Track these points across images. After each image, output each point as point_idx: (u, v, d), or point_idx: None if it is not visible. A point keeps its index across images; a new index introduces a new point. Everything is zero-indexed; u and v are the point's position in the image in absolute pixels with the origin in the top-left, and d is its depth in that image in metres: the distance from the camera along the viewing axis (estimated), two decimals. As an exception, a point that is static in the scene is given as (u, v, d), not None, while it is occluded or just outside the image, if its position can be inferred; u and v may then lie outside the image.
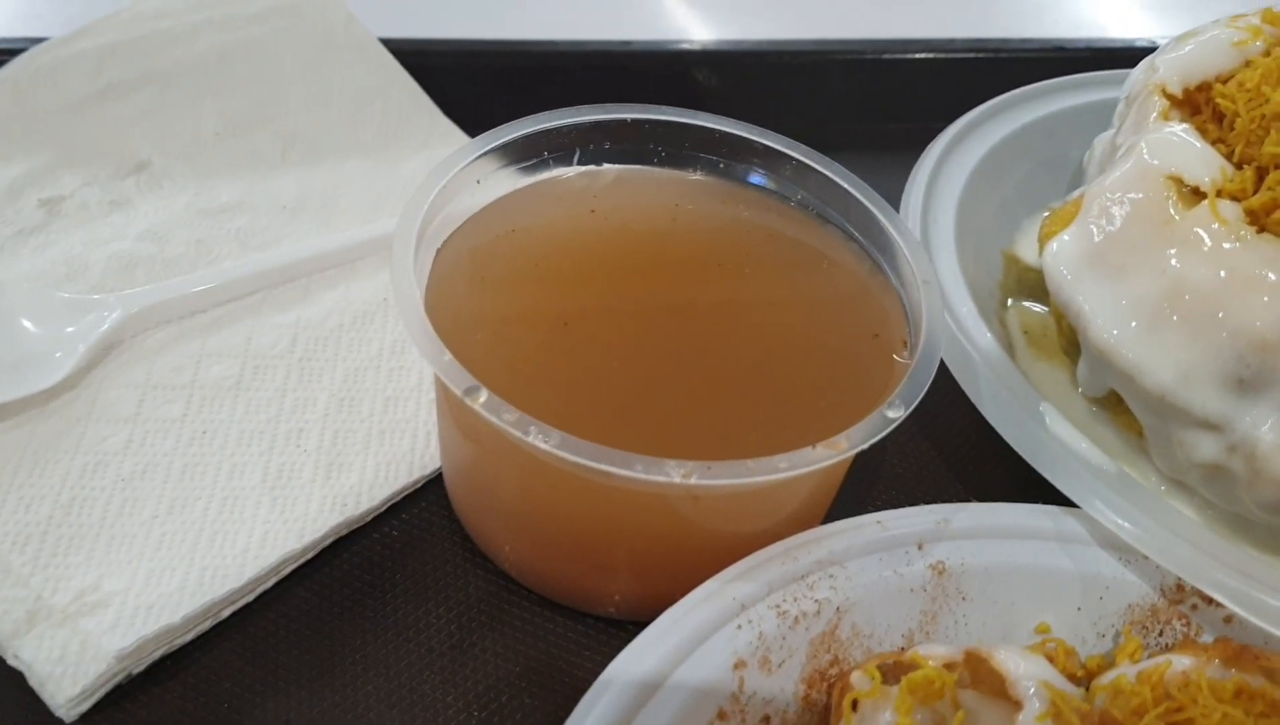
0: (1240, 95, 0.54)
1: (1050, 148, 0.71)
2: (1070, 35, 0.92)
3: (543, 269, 0.52)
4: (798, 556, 0.47)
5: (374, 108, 0.74)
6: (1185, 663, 0.44)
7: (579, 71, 0.79)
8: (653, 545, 0.49)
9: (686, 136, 0.57)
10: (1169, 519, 0.50)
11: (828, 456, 0.43)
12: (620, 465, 0.41)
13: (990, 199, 0.67)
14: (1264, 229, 0.50)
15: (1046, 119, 0.73)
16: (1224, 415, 0.50)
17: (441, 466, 0.55)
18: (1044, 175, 0.70)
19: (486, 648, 0.51)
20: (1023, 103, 0.73)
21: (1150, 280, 0.51)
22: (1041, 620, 0.49)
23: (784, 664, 0.46)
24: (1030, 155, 0.71)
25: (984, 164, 0.69)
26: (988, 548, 0.49)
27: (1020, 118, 0.73)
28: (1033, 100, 0.74)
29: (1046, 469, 0.51)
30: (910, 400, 0.46)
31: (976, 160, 0.69)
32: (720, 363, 0.50)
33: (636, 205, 0.56)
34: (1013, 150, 0.71)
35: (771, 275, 0.54)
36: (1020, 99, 0.73)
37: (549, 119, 0.55)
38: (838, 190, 0.55)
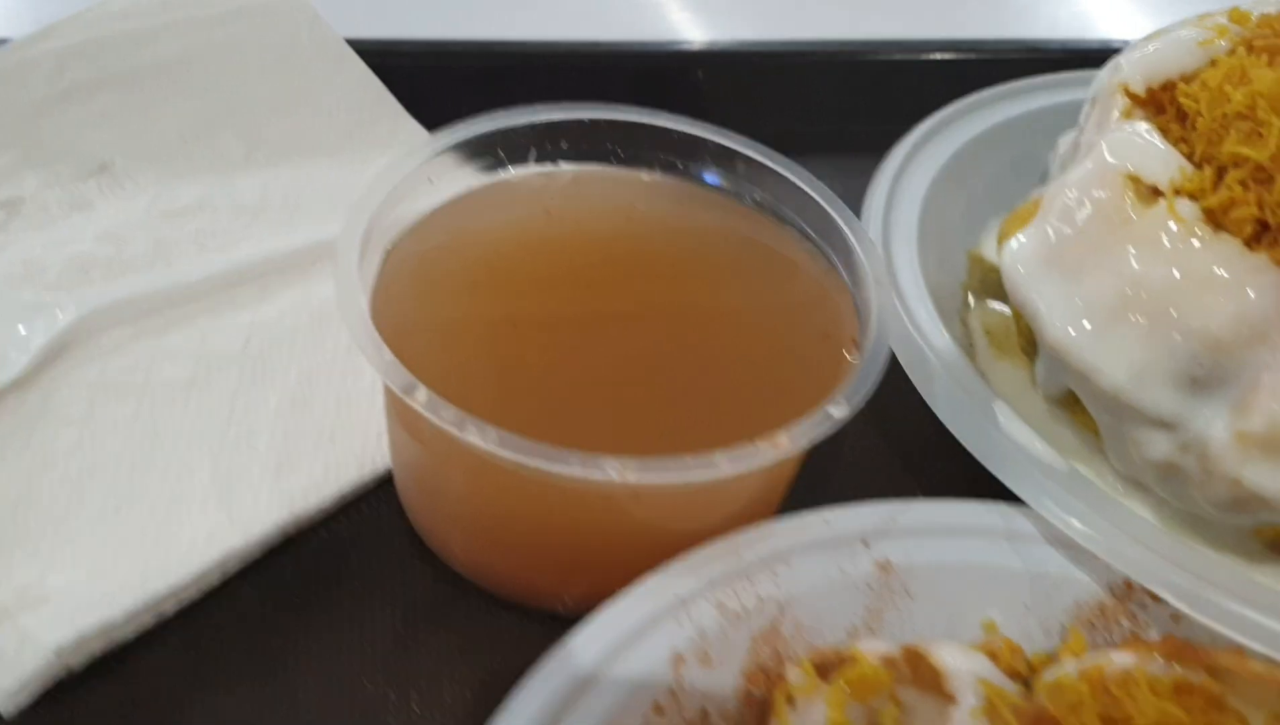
0: (1203, 94, 0.54)
1: (1021, 147, 0.71)
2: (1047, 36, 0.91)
3: (493, 270, 0.52)
4: (741, 552, 0.47)
5: (339, 109, 0.74)
6: (1127, 659, 0.44)
7: (547, 72, 0.79)
8: (598, 543, 0.48)
9: (644, 137, 0.57)
10: (1119, 517, 0.49)
11: (768, 454, 0.43)
12: (557, 462, 0.41)
13: (957, 199, 0.67)
14: (1221, 228, 0.50)
15: (1018, 119, 0.73)
16: (1177, 414, 0.50)
17: (392, 466, 0.54)
18: (1013, 175, 0.70)
19: (432, 645, 0.51)
20: (994, 103, 0.73)
21: (1106, 279, 0.51)
22: (988, 617, 0.49)
23: (724, 659, 0.45)
24: (1000, 155, 0.71)
25: (952, 164, 0.69)
26: (935, 545, 0.49)
27: (990, 118, 0.72)
28: (1004, 100, 0.74)
29: (996, 467, 0.50)
30: (855, 398, 0.46)
31: (944, 160, 0.68)
32: (668, 362, 0.50)
33: (592, 206, 0.56)
34: (982, 150, 0.70)
35: (724, 275, 0.54)
36: (991, 99, 0.73)
37: (505, 118, 0.55)
38: (794, 190, 0.54)
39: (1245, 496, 0.48)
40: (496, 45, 0.80)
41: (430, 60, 0.79)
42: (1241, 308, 0.47)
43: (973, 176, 0.68)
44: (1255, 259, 0.48)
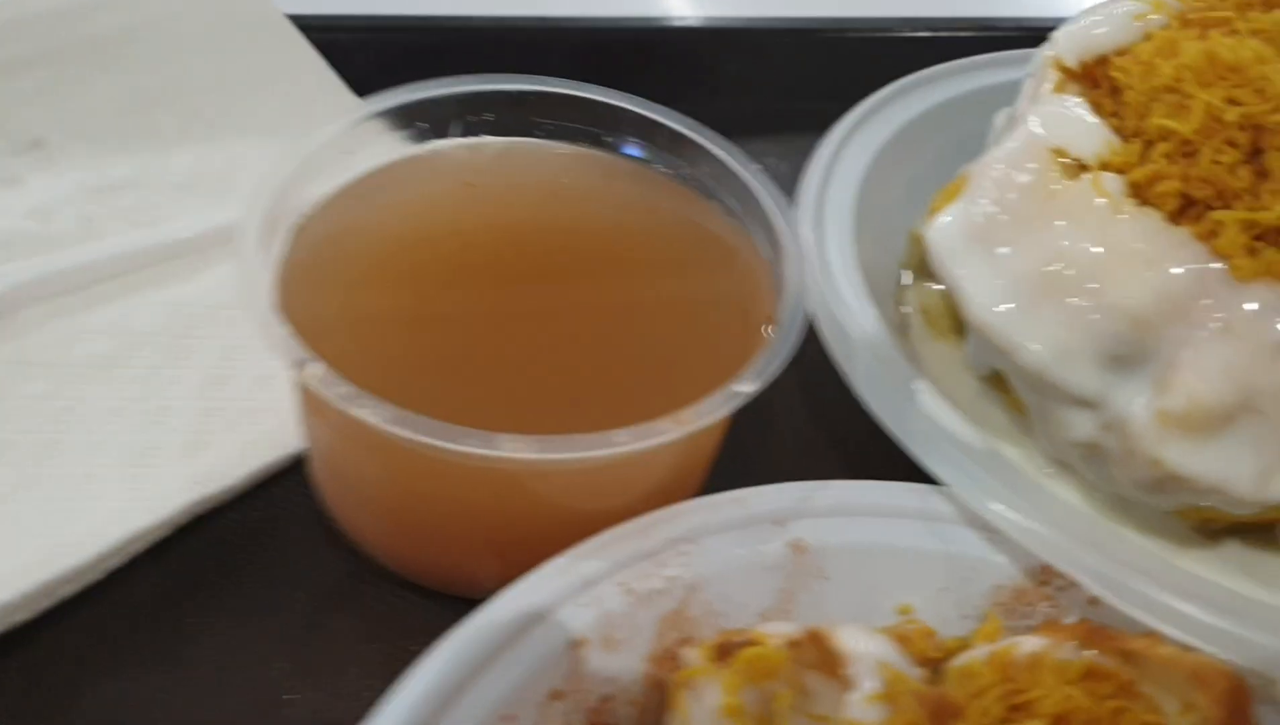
0: (1134, 68, 0.53)
1: (967, 125, 0.70)
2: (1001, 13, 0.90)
3: (406, 246, 0.51)
4: (651, 533, 0.46)
5: (278, 86, 0.73)
6: (1037, 644, 0.43)
7: (493, 47, 0.78)
8: (509, 525, 0.48)
9: (571, 109, 0.56)
10: (1038, 499, 0.49)
11: (670, 431, 0.42)
12: (451, 440, 0.40)
13: (898, 177, 0.66)
14: (1146, 202, 0.49)
15: (964, 96, 0.72)
16: (1099, 393, 0.49)
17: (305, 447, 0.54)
18: (959, 154, 0.68)
19: (341, 630, 0.50)
20: (940, 80, 0.72)
21: (1029, 255, 0.50)
22: (904, 600, 0.48)
23: (629, 642, 0.45)
24: (945, 133, 0.70)
25: (894, 142, 0.68)
26: (851, 526, 0.48)
27: (936, 95, 0.71)
28: (951, 77, 0.73)
29: (914, 446, 0.49)
30: (763, 375, 0.45)
31: (886, 138, 0.67)
32: (581, 340, 0.49)
33: (514, 181, 0.55)
34: (927, 128, 0.69)
35: (644, 251, 0.53)
36: (937, 76, 0.72)
37: (427, 89, 0.54)
38: (718, 165, 0.54)
39: (1165, 477, 0.47)
40: (441, 20, 0.79)
41: (372, 36, 0.78)
42: (1162, 283, 0.46)
43: (916, 155, 0.67)
44: (1177, 233, 0.47)
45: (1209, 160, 0.48)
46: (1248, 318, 0.45)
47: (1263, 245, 0.47)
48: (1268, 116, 0.48)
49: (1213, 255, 0.47)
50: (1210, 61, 0.49)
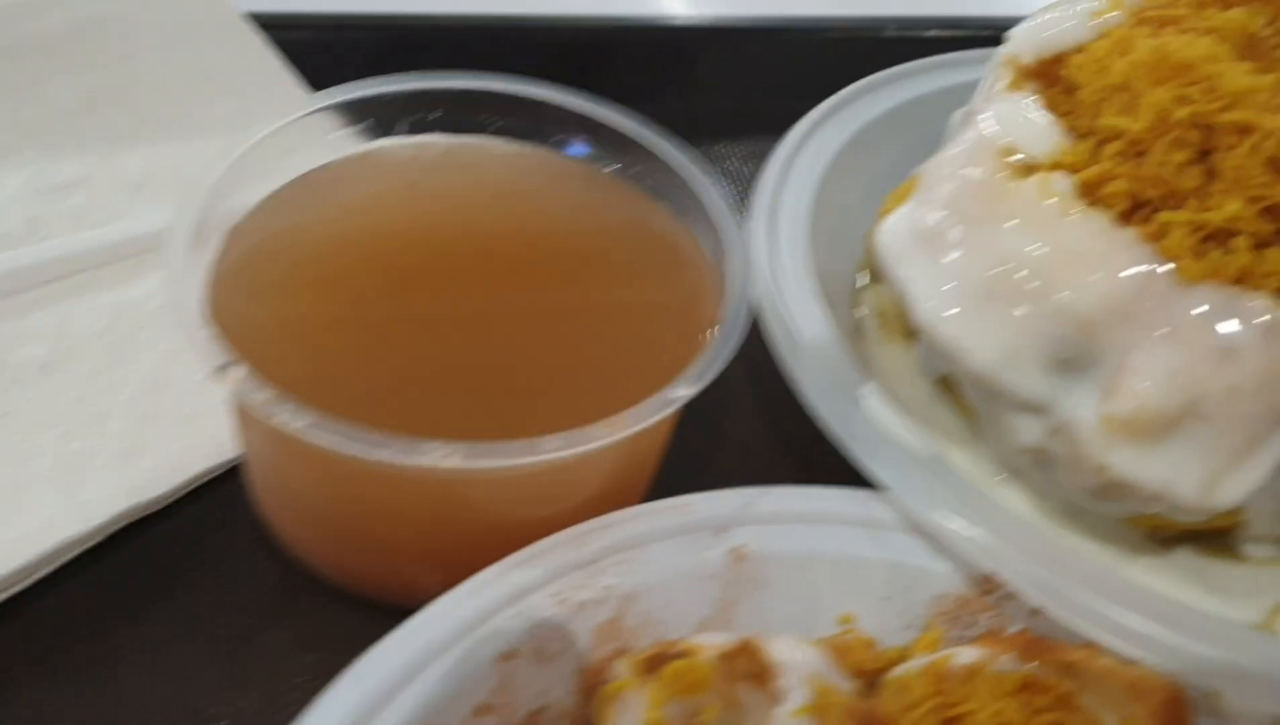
0: (1089, 66, 0.52)
1: (929, 126, 0.68)
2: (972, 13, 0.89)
3: (343, 247, 0.50)
4: (587, 542, 0.45)
5: (234, 85, 0.72)
6: (974, 655, 0.42)
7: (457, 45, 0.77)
8: (444, 534, 0.47)
9: (520, 108, 0.55)
10: (983, 506, 0.48)
11: (603, 437, 0.41)
12: (373, 447, 0.40)
13: (858, 178, 0.65)
14: (1096, 203, 0.48)
15: (927, 96, 0.71)
16: (1046, 397, 0.48)
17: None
18: (921, 154, 0.67)
19: (272, 641, 0.49)
20: (904, 79, 0.71)
21: (976, 256, 0.49)
22: (846, 609, 0.47)
23: (562, 654, 0.44)
24: (907, 133, 0.69)
25: (855, 142, 0.67)
26: (793, 533, 0.48)
27: (898, 95, 0.70)
28: (915, 76, 0.72)
29: (858, 451, 0.48)
30: (700, 380, 0.44)
31: (846, 138, 0.66)
32: (520, 344, 0.48)
33: (458, 180, 0.54)
34: (887, 128, 0.68)
35: (587, 252, 0.52)
36: (901, 75, 0.71)
37: (371, 86, 0.53)
38: (665, 166, 0.53)
39: (1111, 483, 0.46)
40: (402, 19, 0.78)
41: (332, 34, 0.77)
42: (1108, 286, 0.46)
43: (876, 155, 0.66)
44: (1124, 234, 0.46)
45: (1158, 160, 0.47)
46: (1194, 321, 0.44)
47: (1211, 246, 0.45)
48: (1217, 116, 0.47)
49: (1160, 257, 0.45)
50: (1161, 60, 0.48)
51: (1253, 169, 0.46)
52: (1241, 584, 0.52)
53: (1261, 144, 0.46)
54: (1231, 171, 0.46)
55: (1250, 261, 0.45)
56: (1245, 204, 0.45)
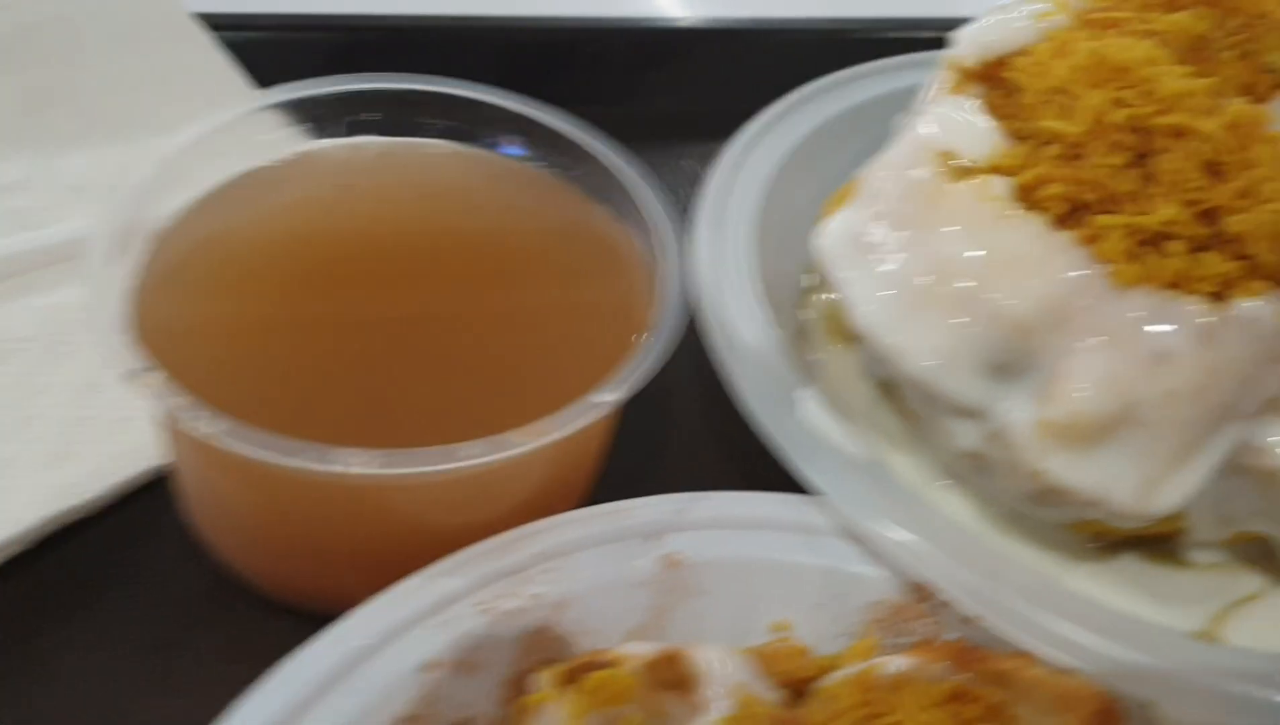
0: (1030, 68, 0.51)
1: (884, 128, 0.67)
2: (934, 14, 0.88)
3: (274, 249, 0.49)
4: (515, 549, 0.45)
5: (180, 86, 0.71)
6: (904, 664, 0.41)
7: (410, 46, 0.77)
8: (368, 540, 0.46)
9: (457, 108, 0.55)
10: (920, 512, 0.47)
11: (522, 443, 0.41)
12: (286, 454, 0.39)
13: (808, 180, 0.64)
14: (1033, 206, 0.47)
15: (880, 98, 0.70)
16: (982, 402, 0.47)
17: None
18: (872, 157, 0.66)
19: (202, 649, 0.49)
20: (857, 80, 0.70)
21: (913, 260, 0.48)
22: (780, 616, 0.46)
23: (487, 664, 0.43)
24: (859, 135, 0.68)
25: (805, 144, 0.66)
26: (727, 539, 0.47)
27: (850, 97, 0.70)
28: (868, 78, 0.71)
29: (794, 456, 0.48)
30: (626, 385, 0.43)
31: (796, 140, 0.66)
32: (452, 347, 0.48)
33: (394, 180, 0.53)
34: (840, 130, 0.68)
35: (522, 254, 0.51)
36: (854, 77, 0.71)
37: (307, 88, 0.53)
38: (603, 167, 0.52)
39: (1047, 489, 0.45)
40: (354, 19, 0.77)
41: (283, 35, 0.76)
42: (1043, 290, 0.45)
43: (827, 158, 0.66)
44: (1059, 238, 0.45)
45: (1095, 163, 0.46)
46: (1129, 325, 0.44)
47: (1148, 250, 0.45)
48: (1154, 119, 0.46)
49: (1096, 261, 0.45)
50: (1098, 62, 0.47)
51: (1189, 172, 0.45)
52: (1185, 590, 0.52)
53: (1197, 147, 0.45)
54: (1168, 175, 0.46)
55: (1186, 265, 0.45)
56: (1181, 207, 0.45)
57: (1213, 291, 0.45)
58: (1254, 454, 0.47)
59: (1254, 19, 0.56)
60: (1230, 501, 0.49)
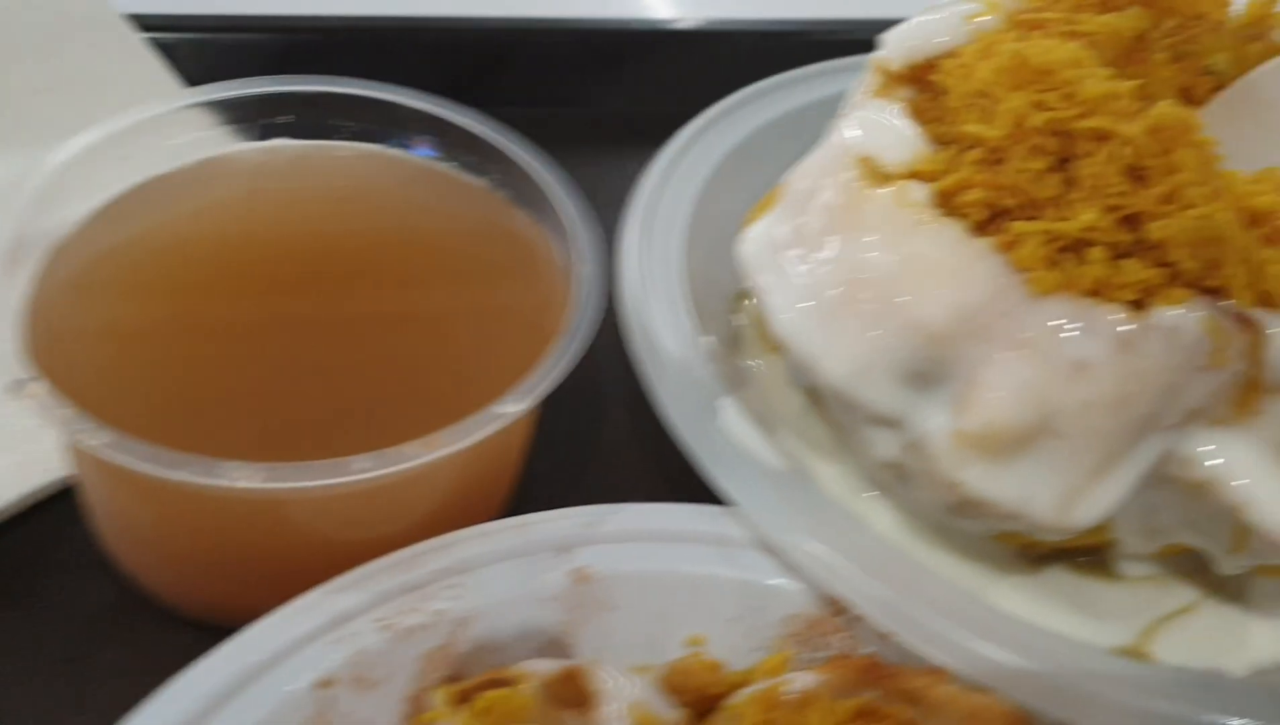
0: (956, 71, 0.50)
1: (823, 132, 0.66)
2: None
3: (178, 256, 0.48)
4: (419, 564, 0.44)
5: (112, 89, 0.69)
6: (811, 680, 0.40)
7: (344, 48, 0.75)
8: (268, 554, 0.45)
9: (372, 111, 0.53)
10: (837, 524, 0.46)
11: (419, 455, 0.39)
12: (170, 467, 0.38)
13: (744, 184, 0.63)
14: (952, 212, 0.46)
15: (825, 100, 0.69)
16: (900, 411, 0.46)
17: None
18: (800, 161, 0.65)
19: (107, 662, 0.47)
20: (796, 84, 0.69)
21: (831, 267, 0.47)
22: (695, 631, 0.45)
23: (386, 682, 0.42)
24: (799, 139, 0.66)
25: (742, 148, 0.65)
26: (640, 552, 0.46)
27: (792, 99, 0.68)
28: (808, 81, 0.70)
29: (710, 465, 0.47)
30: (531, 395, 0.42)
31: (733, 143, 0.65)
32: (355, 355, 0.46)
33: (305, 184, 0.52)
34: (778, 135, 0.66)
35: (435, 258, 0.50)
36: (793, 80, 0.69)
37: (219, 90, 0.51)
38: (523, 172, 0.51)
39: (965, 500, 0.44)
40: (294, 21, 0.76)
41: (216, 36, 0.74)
42: (958, 298, 0.44)
43: (764, 163, 0.64)
44: (977, 245, 0.44)
45: (1015, 168, 0.45)
46: (1045, 334, 0.43)
47: (1069, 257, 0.44)
48: (1075, 122, 0.45)
49: (1013, 268, 0.43)
50: (1020, 65, 0.46)
51: (1110, 177, 0.44)
52: (1115, 603, 0.51)
53: (1119, 151, 0.44)
54: (1089, 180, 0.44)
55: (1107, 272, 0.43)
56: (1102, 213, 0.44)
57: (1133, 299, 0.43)
58: (1180, 465, 0.46)
59: (1190, 20, 0.54)
60: (1158, 514, 0.48)
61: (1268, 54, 0.54)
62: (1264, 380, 0.44)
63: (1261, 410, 0.45)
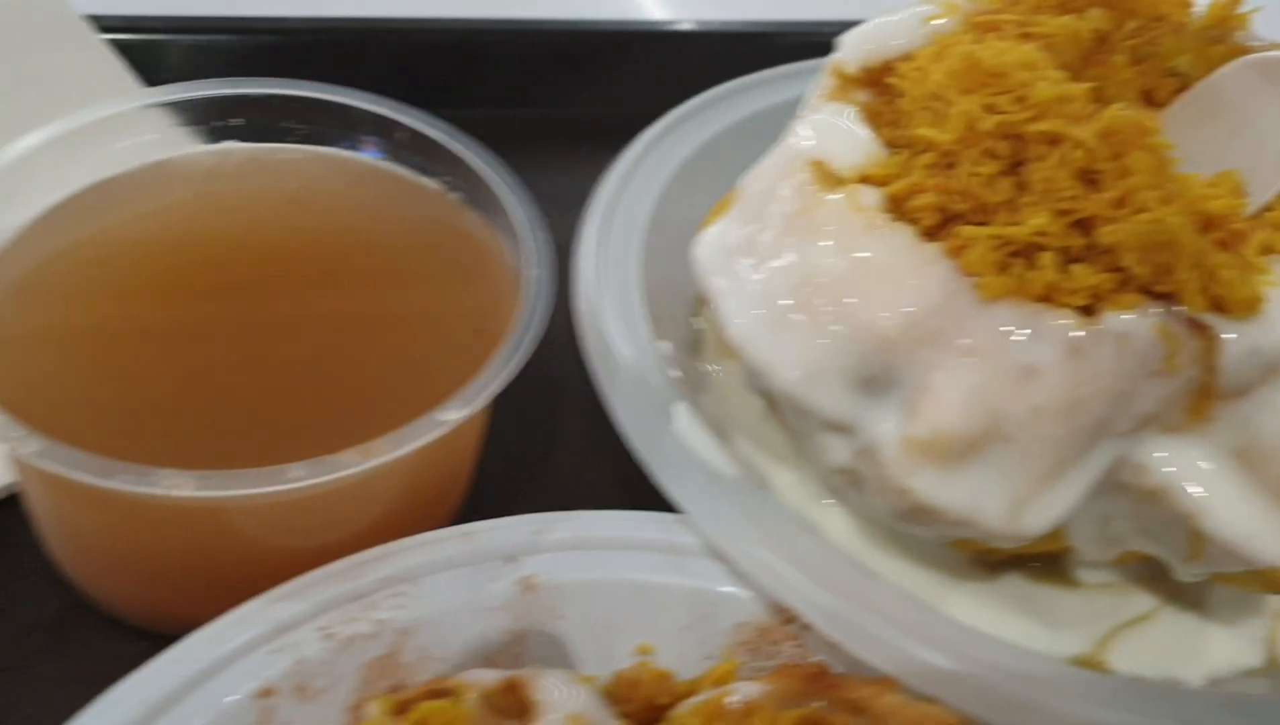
0: (912, 74, 0.50)
1: (784, 134, 0.66)
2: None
3: (122, 261, 0.48)
4: (362, 573, 0.43)
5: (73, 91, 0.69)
6: (755, 690, 0.40)
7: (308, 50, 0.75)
8: (211, 563, 0.44)
9: (323, 113, 0.53)
10: (788, 532, 0.45)
11: (356, 464, 0.39)
12: (106, 475, 0.37)
13: (706, 188, 0.63)
14: (903, 217, 0.45)
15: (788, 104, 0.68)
16: (851, 417, 0.46)
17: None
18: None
19: (50, 671, 0.47)
20: (760, 86, 0.69)
21: (782, 272, 0.47)
22: (645, 640, 0.45)
23: (328, 691, 0.41)
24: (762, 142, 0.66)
25: (704, 151, 0.65)
26: (589, 560, 0.45)
27: (755, 101, 0.68)
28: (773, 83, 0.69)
29: (660, 473, 0.46)
30: (474, 401, 0.41)
31: (695, 147, 0.64)
32: (299, 360, 0.46)
33: (254, 187, 0.51)
34: (741, 136, 0.66)
35: (383, 261, 0.50)
36: (758, 82, 0.69)
37: (170, 92, 0.51)
38: (474, 174, 0.50)
39: (915, 507, 0.44)
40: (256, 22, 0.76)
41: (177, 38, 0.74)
42: (908, 303, 0.43)
43: (727, 166, 0.63)
44: (927, 250, 0.44)
45: (967, 172, 0.45)
46: (994, 340, 0.42)
47: (1020, 262, 0.43)
48: (1026, 126, 0.44)
49: (963, 273, 0.43)
50: (971, 67, 0.46)
51: (1061, 181, 0.44)
52: (1073, 612, 0.51)
53: (1070, 155, 0.44)
54: (1040, 184, 0.44)
55: (1057, 277, 0.43)
56: (1053, 217, 0.43)
57: (1084, 305, 0.43)
58: (1133, 472, 0.45)
59: (1152, 22, 0.54)
60: (1113, 521, 0.47)
61: (1231, 55, 0.54)
62: (1217, 386, 0.44)
63: (1215, 417, 0.44)
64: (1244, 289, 0.43)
